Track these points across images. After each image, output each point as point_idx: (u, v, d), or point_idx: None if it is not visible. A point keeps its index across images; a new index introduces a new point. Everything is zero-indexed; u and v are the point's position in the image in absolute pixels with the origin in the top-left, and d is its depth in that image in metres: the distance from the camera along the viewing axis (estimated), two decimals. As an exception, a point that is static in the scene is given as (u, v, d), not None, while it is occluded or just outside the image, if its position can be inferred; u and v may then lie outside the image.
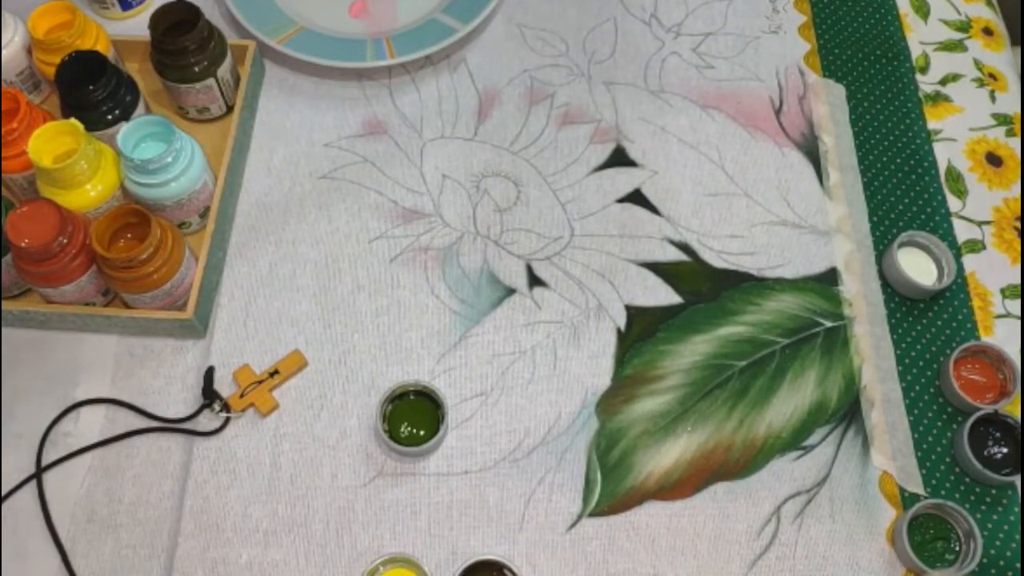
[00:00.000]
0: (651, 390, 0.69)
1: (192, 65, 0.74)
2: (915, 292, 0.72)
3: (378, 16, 0.87)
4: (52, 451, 0.66)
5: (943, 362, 0.70)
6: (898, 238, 0.73)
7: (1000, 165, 0.80)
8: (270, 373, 0.69)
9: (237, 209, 0.76)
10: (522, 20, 0.87)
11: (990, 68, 0.85)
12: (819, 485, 0.65)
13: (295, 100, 0.82)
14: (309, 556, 0.63)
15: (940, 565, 0.62)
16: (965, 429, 0.65)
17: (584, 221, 0.76)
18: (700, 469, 0.66)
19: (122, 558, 0.63)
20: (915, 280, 0.71)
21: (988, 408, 0.66)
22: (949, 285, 0.72)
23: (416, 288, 0.73)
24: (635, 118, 0.81)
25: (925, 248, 0.74)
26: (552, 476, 0.65)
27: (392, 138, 0.80)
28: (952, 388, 0.67)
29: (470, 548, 0.63)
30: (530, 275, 0.73)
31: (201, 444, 0.66)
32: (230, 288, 0.72)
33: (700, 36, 0.87)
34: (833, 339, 0.71)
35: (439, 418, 0.65)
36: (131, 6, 0.87)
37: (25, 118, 0.68)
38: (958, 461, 0.66)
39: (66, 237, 0.64)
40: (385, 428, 0.65)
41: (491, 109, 0.82)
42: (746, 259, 0.74)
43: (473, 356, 0.70)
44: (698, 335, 0.71)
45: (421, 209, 0.76)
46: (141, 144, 0.70)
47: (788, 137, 0.81)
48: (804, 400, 0.68)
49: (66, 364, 0.69)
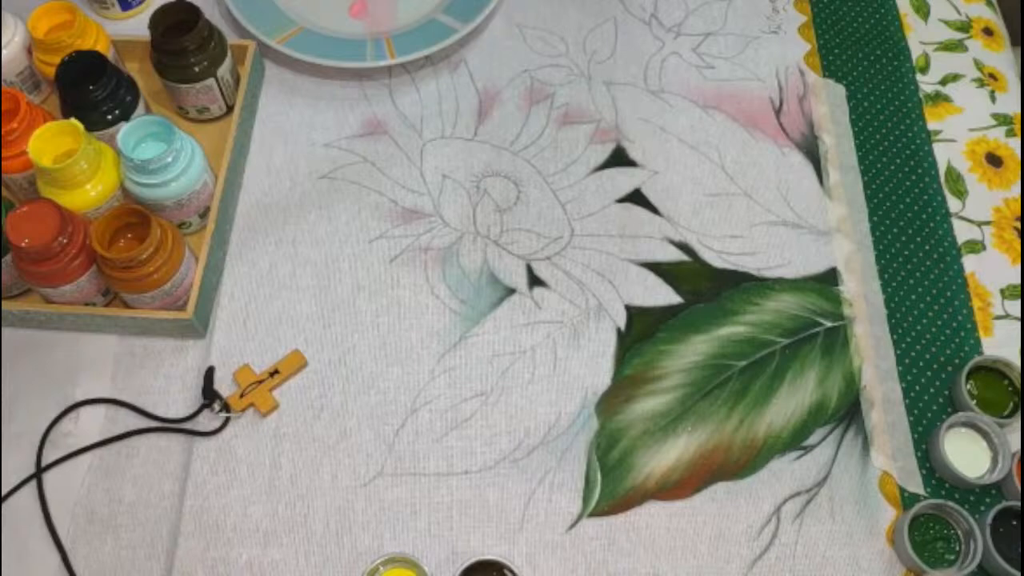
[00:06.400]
0: (651, 390, 0.69)
1: (192, 65, 0.74)
2: (960, 482, 0.64)
3: (378, 16, 0.87)
4: (52, 451, 0.66)
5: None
6: (948, 420, 0.65)
7: (1000, 165, 0.80)
8: (270, 373, 0.69)
9: (237, 209, 0.76)
10: (522, 20, 0.87)
11: (990, 68, 0.85)
12: (819, 485, 0.65)
13: (295, 100, 0.82)
14: (309, 556, 0.63)
15: (940, 565, 0.62)
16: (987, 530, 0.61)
17: (584, 221, 0.76)
18: (700, 469, 0.66)
19: (122, 558, 0.63)
20: (961, 473, 0.64)
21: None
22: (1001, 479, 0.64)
23: (416, 288, 0.73)
24: (635, 118, 0.81)
25: (981, 431, 0.66)
26: (552, 476, 0.65)
27: (392, 138, 0.80)
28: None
29: (470, 548, 0.63)
30: (530, 275, 0.73)
31: (201, 444, 0.66)
32: (230, 288, 0.72)
33: (700, 36, 0.87)
34: (833, 339, 0.71)
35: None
36: (131, 6, 0.87)
37: (25, 118, 0.68)
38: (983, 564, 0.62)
39: (66, 237, 0.64)
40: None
41: (491, 109, 0.82)
42: (746, 259, 0.74)
43: (473, 356, 0.70)
44: (698, 335, 0.71)
45: (421, 209, 0.76)
46: (141, 144, 0.70)
47: (788, 137, 0.81)
48: (804, 400, 0.68)
49: (66, 364, 0.69)
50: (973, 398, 0.68)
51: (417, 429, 0.67)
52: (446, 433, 0.67)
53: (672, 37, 0.87)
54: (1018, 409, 0.67)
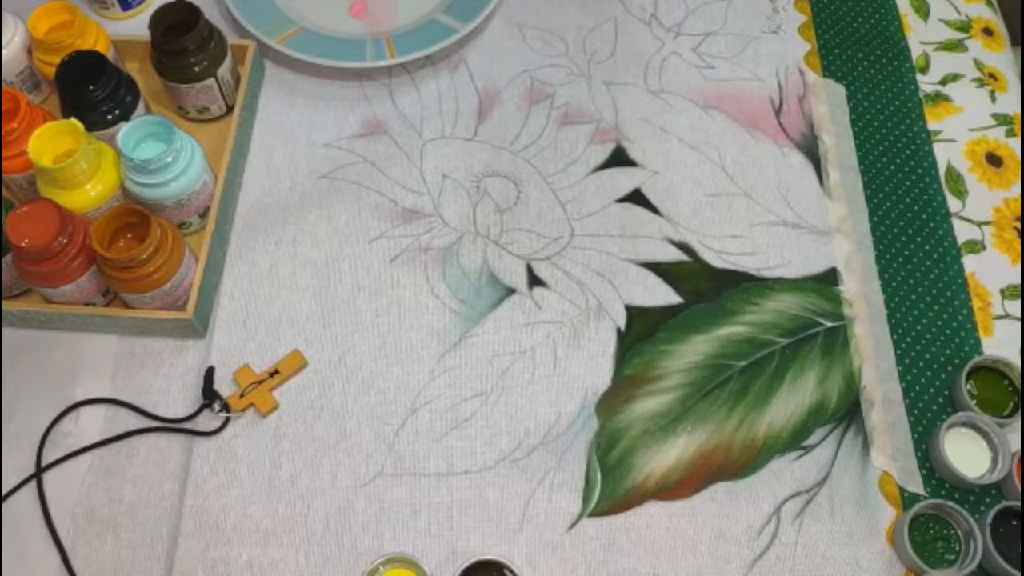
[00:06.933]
0: (651, 390, 0.69)
1: (192, 65, 0.74)
2: (960, 482, 0.64)
3: (378, 16, 0.87)
4: (52, 451, 0.66)
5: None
6: (948, 420, 0.66)
7: (1000, 165, 0.80)
8: (270, 373, 0.69)
9: (237, 209, 0.76)
10: (522, 20, 0.87)
11: (990, 68, 0.85)
12: (819, 485, 0.65)
13: (295, 100, 0.82)
14: (309, 556, 0.63)
15: (940, 565, 0.62)
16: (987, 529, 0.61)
17: (584, 221, 0.76)
18: (700, 469, 0.66)
19: (122, 558, 0.63)
20: (961, 472, 0.64)
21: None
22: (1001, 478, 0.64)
23: (416, 288, 0.73)
24: (635, 118, 0.81)
25: (981, 431, 0.66)
26: (552, 476, 0.65)
27: (392, 138, 0.80)
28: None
29: (470, 548, 0.63)
30: (530, 275, 0.73)
31: (201, 444, 0.66)
32: (230, 288, 0.72)
33: (700, 36, 0.87)
34: (833, 339, 0.71)
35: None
36: (131, 6, 0.87)
37: (25, 118, 0.68)
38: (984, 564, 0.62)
39: (66, 237, 0.64)
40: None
41: (491, 109, 0.82)
42: (746, 259, 0.74)
43: (473, 356, 0.70)
44: (698, 335, 0.71)
45: (421, 209, 0.76)
46: (141, 144, 0.70)
47: (788, 137, 0.81)
48: (804, 400, 0.68)
49: (66, 364, 0.69)
50: (973, 398, 0.68)
51: (417, 429, 0.67)
52: (446, 433, 0.67)
53: (672, 37, 0.87)
54: (1018, 409, 0.67)
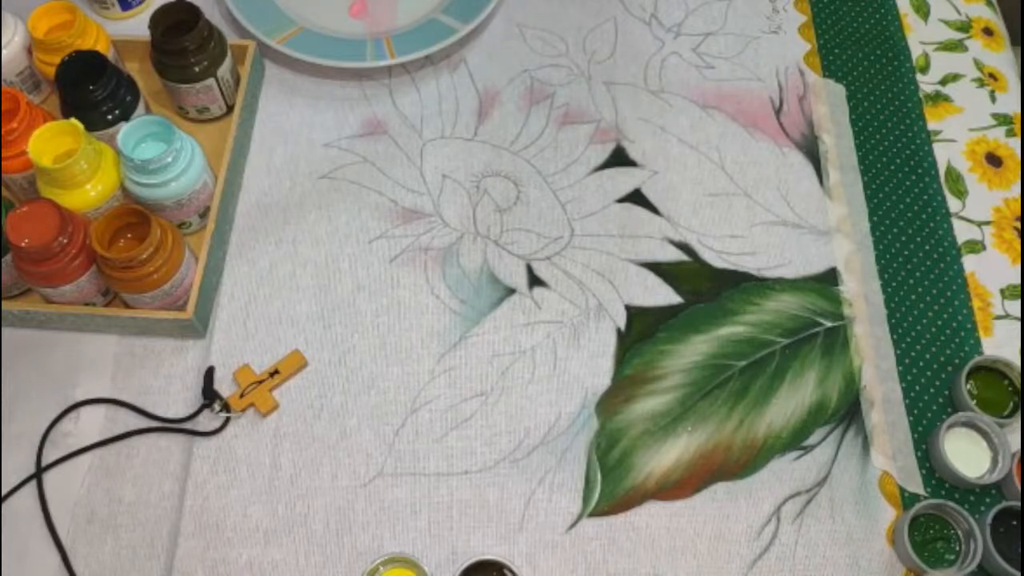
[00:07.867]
0: (651, 390, 0.69)
1: (192, 65, 0.74)
2: (960, 482, 0.64)
3: (378, 16, 0.87)
4: (52, 451, 0.66)
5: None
6: (948, 420, 0.65)
7: (1000, 165, 0.80)
8: (270, 373, 0.69)
9: (237, 209, 0.76)
10: (522, 20, 0.87)
11: (990, 68, 0.85)
12: (819, 485, 0.65)
13: (295, 100, 0.82)
14: (309, 556, 0.63)
15: (940, 565, 0.62)
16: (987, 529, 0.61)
17: (584, 221, 0.76)
18: (700, 469, 0.66)
19: (122, 558, 0.63)
20: (961, 472, 0.64)
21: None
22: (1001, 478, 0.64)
23: (416, 288, 0.73)
24: (635, 118, 0.81)
25: (981, 431, 0.66)
26: (552, 476, 0.65)
27: (392, 138, 0.80)
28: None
29: (470, 548, 0.63)
30: (530, 275, 0.73)
31: (201, 444, 0.66)
32: (230, 288, 0.73)
33: (700, 36, 0.87)
34: (833, 339, 0.71)
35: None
36: (131, 6, 0.87)
37: (25, 118, 0.68)
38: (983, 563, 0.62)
39: (66, 237, 0.64)
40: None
41: (491, 109, 0.82)
42: (746, 259, 0.74)
43: (473, 356, 0.70)
44: (698, 335, 0.71)
45: (421, 209, 0.76)
46: (141, 144, 0.70)
47: (788, 137, 0.81)
48: (804, 400, 0.68)
49: (66, 364, 0.69)
50: (973, 398, 0.68)
51: (417, 429, 0.67)
52: (446, 433, 0.67)
53: (672, 37, 0.87)
54: (1018, 409, 0.67)
